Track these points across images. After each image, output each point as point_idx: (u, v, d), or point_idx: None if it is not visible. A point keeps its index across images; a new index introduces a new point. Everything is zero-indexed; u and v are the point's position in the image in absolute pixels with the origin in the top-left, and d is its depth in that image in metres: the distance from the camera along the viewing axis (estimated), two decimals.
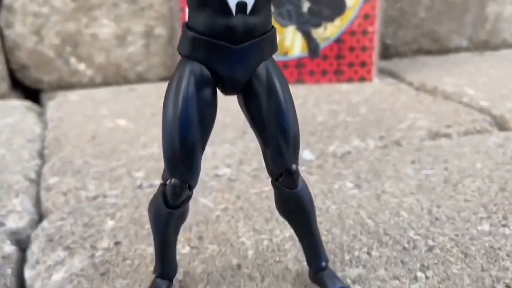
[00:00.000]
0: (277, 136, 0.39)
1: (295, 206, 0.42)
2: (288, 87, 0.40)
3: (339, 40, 1.12)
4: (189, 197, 0.40)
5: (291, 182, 0.41)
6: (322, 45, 1.13)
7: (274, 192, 0.43)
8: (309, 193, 0.43)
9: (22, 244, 0.59)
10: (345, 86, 1.14)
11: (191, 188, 0.39)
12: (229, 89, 0.38)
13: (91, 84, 1.14)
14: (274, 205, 0.45)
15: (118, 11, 1.09)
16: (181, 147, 0.37)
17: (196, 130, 0.37)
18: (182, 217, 0.42)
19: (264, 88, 0.38)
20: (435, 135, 0.85)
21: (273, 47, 0.38)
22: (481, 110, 0.94)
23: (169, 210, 0.40)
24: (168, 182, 0.39)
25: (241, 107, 0.40)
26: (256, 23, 0.36)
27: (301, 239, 0.45)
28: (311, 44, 1.14)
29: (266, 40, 0.37)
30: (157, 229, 0.42)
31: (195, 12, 0.35)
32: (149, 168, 0.74)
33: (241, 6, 0.34)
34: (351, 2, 1.10)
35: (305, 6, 1.11)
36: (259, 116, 0.39)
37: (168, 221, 0.41)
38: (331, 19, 1.10)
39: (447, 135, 0.84)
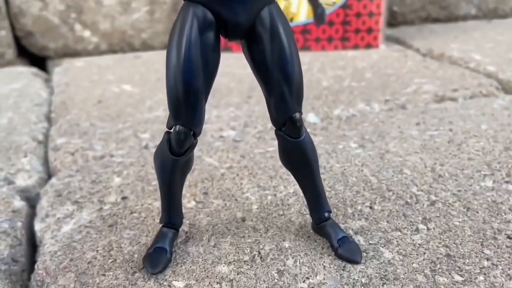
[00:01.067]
0: (281, 83, 0.39)
1: (298, 156, 0.43)
2: (292, 32, 0.40)
3: (345, 6, 1.11)
4: (193, 145, 0.41)
5: (294, 130, 0.41)
6: (329, 10, 1.12)
7: (278, 142, 0.44)
8: (312, 143, 0.44)
9: (31, 201, 0.61)
10: (351, 53, 1.13)
11: (195, 136, 0.40)
12: (232, 34, 0.38)
13: (97, 51, 1.14)
14: (278, 163, 0.46)
15: None
16: (185, 93, 0.38)
17: (199, 76, 0.38)
18: (187, 166, 0.43)
19: (268, 33, 0.38)
20: (440, 99, 0.84)
21: None
22: (488, 75, 0.93)
23: (174, 158, 0.40)
24: (172, 129, 0.39)
25: (244, 53, 0.40)
26: None
27: (304, 190, 0.46)
28: (317, 9, 1.12)
29: None
30: (163, 177, 0.42)
31: None
32: (154, 130, 0.75)
33: None
34: None
35: None
36: (263, 62, 0.39)
37: (174, 168, 0.41)
38: None
39: (453, 99, 0.84)
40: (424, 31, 1.29)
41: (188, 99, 0.38)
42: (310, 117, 0.79)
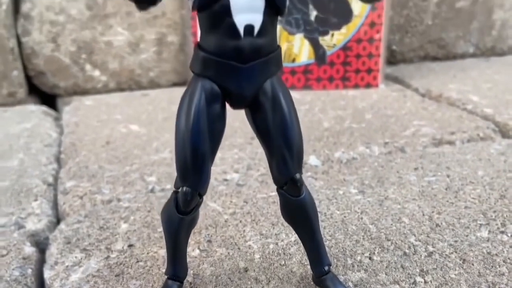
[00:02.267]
0: (282, 147, 0.42)
1: (299, 213, 0.45)
2: (293, 101, 0.43)
3: (345, 48, 1.15)
4: (199, 204, 0.43)
5: (295, 190, 0.44)
6: (329, 52, 1.16)
7: (279, 199, 0.46)
8: (313, 201, 0.46)
9: (40, 245, 0.63)
10: (351, 92, 1.16)
11: (201, 195, 0.42)
12: (237, 104, 0.41)
13: (105, 89, 1.17)
14: (280, 210, 0.48)
15: (131, 19, 1.12)
16: (192, 158, 0.40)
17: (206, 142, 0.40)
18: (193, 222, 0.45)
19: (270, 103, 0.41)
20: (438, 142, 0.87)
21: (279, 64, 0.41)
22: (485, 117, 0.96)
23: (180, 216, 0.43)
24: (180, 190, 0.42)
25: (248, 120, 0.43)
26: (262, 44, 0.38)
27: (305, 244, 0.48)
28: (318, 51, 1.16)
29: (272, 59, 0.40)
30: (169, 233, 0.45)
31: (206, 34, 0.38)
32: (161, 172, 0.77)
33: (249, 29, 0.37)
34: (358, 10, 1.12)
35: (313, 15, 1.13)
36: (265, 129, 0.42)
37: (180, 226, 0.43)
38: (338, 27, 1.13)
39: (451, 142, 0.86)
40: (423, 70, 1.32)
41: (195, 163, 0.40)
42: (311, 160, 0.81)
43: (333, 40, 1.15)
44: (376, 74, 1.17)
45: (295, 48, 1.16)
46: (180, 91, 1.37)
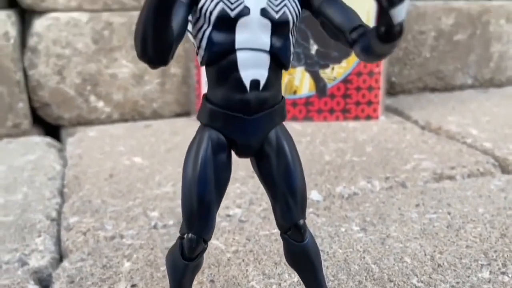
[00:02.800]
0: (286, 194, 0.43)
1: (302, 258, 0.46)
2: (296, 149, 0.44)
3: (346, 81, 1.17)
4: (204, 250, 0.44)
5: (298, 236, 0.44)
6: (330, 85, 1.18)
7: (283, 244, 0.47)
8: (316, 246, 0.46)
9: (43, 282, 0.63)
10: (351, 124, 1.17)
11: (206, 242, 0.43)
12: (243, 153, 0.42)
13: (109, 120, 1.19)
14: (282, 248, 0.49)
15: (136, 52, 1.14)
16: (199, 206, 0.41)
17: (212, 191, 0.41)
18: (197, 267, 0.45)
19: (274, 151, 0.42)
20: (439, 177, 0.87)
21: (283, 115, 0.42)
22: (485, 151, 0.97)
23: (185, 262, 0.43)
24: (185, 236, 0.42)
25: (253, 167, 0.44)
26: (267, 96, 0.40)
27: (307, 287, 0.48)
28: (319, 84, 1.18)
29: (277, 110, 0.41)
30: (174, 278, 0.45)
31: (214, 87, 0.40)
32: (163, 207, 0.78)
33: (255, 84, 0.39)
34: None
35: (314, 49, 1.16)
36: (270, 176, 0.43)
37: (185, 271, 0.44)
38: (338, 61, 1.15)
39: (451, 177, 0.87)
40: (422, 101, 1.34)
41: (201, 211, 0.41)
42: (313, 195, 0.82)
43: (334, 73, 1.17)
44: (376, 107, 1.18)
45: (297, 80, 1.18)
46: (182, 121, 1.38)
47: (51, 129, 1.17)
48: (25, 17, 1.12)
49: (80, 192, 0.83)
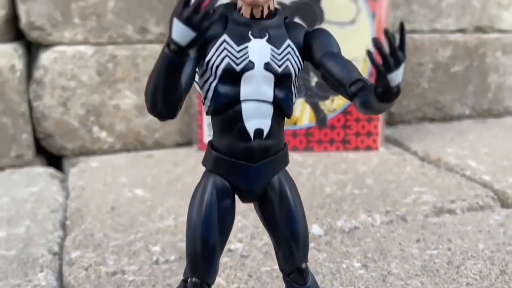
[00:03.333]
0: (289, 239, 0.44)
1: None
2: (298, 194, 0.45)
3: (345, 112, 1.18)
4: None
5: (301, 279, 0.45)
6: (330, 116, 1.19)
7: (285, 286, 0.47)
8: (317, 286, 0.47)
9: None
10: (352, 155, 1.18)
11: (209, 286, 0.44)
12: (247, 199, 0.44)
13: (111, 150, 1.20)
14: (284, 285, 0.49)
15: (139, 84, 1.17)
16: (203, 251, 0.42)
17: (216, 235, 0.42)
18: None
19: (277, 196, 0.43)
20: (439, 211, 0.88)
21: (285, 161, 0.43)
22: (484, 185, 0.98)
23: None
24: (189, 280, 0.43)
25: (256, 211, 0.45)
26: (270, 145, 0.41)
27: None
28: (319, 115, 1.20)
29: (279, 157, 0.42)
30: None
31: (219, 135, 0.41)
32: (165, 242, 0.78)
33: (258, 133, 0.40)
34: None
35: (313, 81, 1.18)
36: (273, 221, 0.44)
37: None
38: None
39: (451, 211, 0.88)
40: (421, 132, 1.36)
41: (205, 256, 0.42)
42: (314, 229, 0.82)
43: (334, 104, 1.19)
44: (376, 138, 1.20)
45: (297, 111, 1.20)
46: (184, 151, 1.39)
47: (54, 159, 1.18)
48: (32, 49, 1.14)
49: (82, 225, 0.84)
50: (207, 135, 1.19)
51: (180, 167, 1.12)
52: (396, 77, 0.34)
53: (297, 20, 1.16)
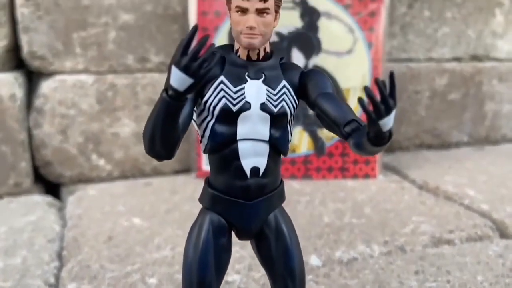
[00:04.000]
0: (285, 277, 0.44)
1: None
2: (295, 231, 0.45)
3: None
4: None
5: None
6: (328, 143, 1.20)
7: None
8: None
9: None
10: (350, 183, 1.19)
11: None
12: (243, 236, 0.44)
13: (109, 177, 1.20)
14: None
15: (138, 112, 1.18)
16: (199, 287, 0.41)
17: (212, 274, 0.42)
18: None
19: (273, 234, 0.43)
20: (438, 241, 0.88)
21: (281, 198, 0.44)
22: (482, 214, 0.98)
23: None
24: None
25: (253, 249, 0.45)
26: (267, 182, 0.41)
27: None
28: (317, 142, 1.21)
29: (276, 195, 0.43)
30: None
31: (216, 173, 0.41)
32: (162, 273, 0.77)
33: (255, 171, 0.40)
34: (354, 105, 1.18)
35: None
36: (269, 258, 0.44)
37: None
38: None
39: (450, 242, 0.87)
40: (419, 159, 1.36)
41: None
42: (312, 260, 0.82)
43: (331, 132, 1.19)
44: (374, 166, 1.20)
45: (295, 139, 1.21)
46: (182, 179, 1.39)
47: (52, 186, 1.18)
48: (33, 78, 1.16)
49: (79, 256, 0.83)
50: (206, 163, 1.19)
51: (178, 195, 1.12)
52: (388, 123, 0.35)
53: (295, 49, 1.18)
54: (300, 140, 1.21)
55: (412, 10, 1.34)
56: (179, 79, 0.33)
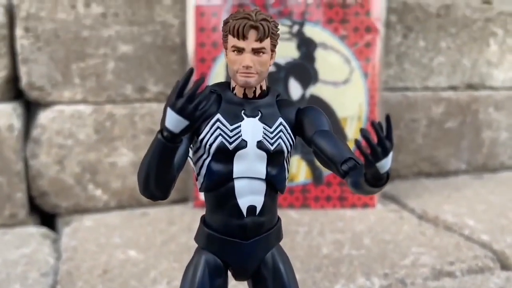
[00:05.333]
0: None
1: None
2: (292, 269, 0.44)
3: None
4: None
5: None
6: (326, 172, 1.20)
7: None
8: None
9: None
10: (349, 212, 1.18)
11: None
12: (240, 276, 0.43)
13: (106, 207, 1.19)
14: None
15: (136, 141, 1.17)
16: None
17: None
18: None
19: (271, 273, 0.42)
20: (438, 273, 0.86)
21: (279, 237, 0.43)
22: (483, 245, 0.97)
23: None
24: None
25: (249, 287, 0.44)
26: (263, 221, 0.41)
27: None
28: (315, 171, 1.20)
29: (273, 233, 0.42)
30: None
31: (212, 212, 0.41)
32: None
33: (251, 209, 0.40)
34: (351, 134, 1.18)
35: None
36: None
37: None
38: None
39: (450, 274, 0.86)
40: (418, 187, 1.35)
41: None
42: None
43: None
44: (373, 195, 1.19)
45: (293, 168, 1.20)
46: (179, 209, 1.38)
47: (48, 217, 1.17)
48: (31, 108, 1.16)
49: None
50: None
51: (175, 226, 1.11)
52: (385, 165, 0.34)
53: (292, 79, 1.19)
54: (298, 169, 1.20)
55: (407, 40, 1.36)
56: (174, 121, 0.33)
